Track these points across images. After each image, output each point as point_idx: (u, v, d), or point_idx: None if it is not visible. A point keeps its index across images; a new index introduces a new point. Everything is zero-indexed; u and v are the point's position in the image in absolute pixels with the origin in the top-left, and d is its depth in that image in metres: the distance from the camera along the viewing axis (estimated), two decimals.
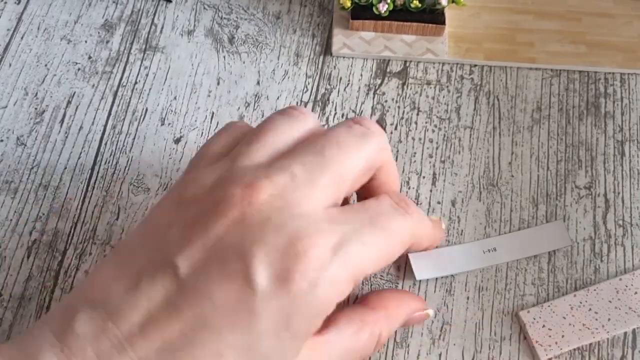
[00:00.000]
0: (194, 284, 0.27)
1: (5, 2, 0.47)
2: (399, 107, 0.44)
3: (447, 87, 0.44)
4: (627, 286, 0.38)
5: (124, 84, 0.44)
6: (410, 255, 0.38)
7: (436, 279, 0.38)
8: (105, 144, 0.42)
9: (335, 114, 0.43)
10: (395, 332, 0.37)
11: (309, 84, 0.45)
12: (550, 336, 0.36)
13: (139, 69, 0.45)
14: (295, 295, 0.26)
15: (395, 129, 0.43)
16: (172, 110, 0.43)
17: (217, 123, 0.43)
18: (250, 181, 0.28)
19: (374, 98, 0.44)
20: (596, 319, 0.37)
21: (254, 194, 0.28)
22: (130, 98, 0.44)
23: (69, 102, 0.44)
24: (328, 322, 0.29)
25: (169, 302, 0.26)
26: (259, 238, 0.27)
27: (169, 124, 0.43)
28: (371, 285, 0.38)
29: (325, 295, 0.27)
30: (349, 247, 0.28)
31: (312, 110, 0.44)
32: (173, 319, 0.26)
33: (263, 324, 0.26)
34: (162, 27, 0.46)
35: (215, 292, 0.26)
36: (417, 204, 0.41)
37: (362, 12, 0.44)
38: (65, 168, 0.41)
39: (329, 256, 0.27)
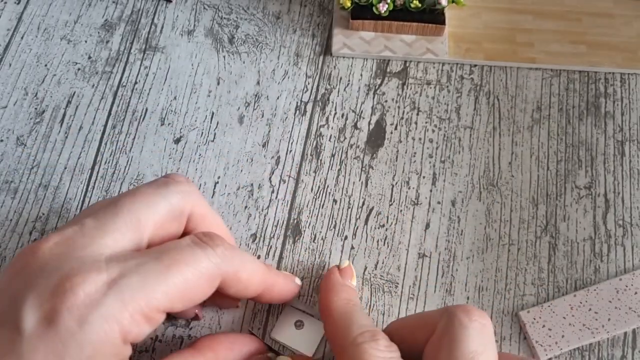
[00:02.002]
0: None
1: (5, 2, 0.47)
2: (399, 107, 0.44)
3: (447, 87, 0.44)
4: (627, 286, 0.38)
5: (124, 83, 0.44)
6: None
7: (435, 280, 0.38)
8: (105, 144, 0.42)
9: (335, 113, 0.43)
10: None
11: (308, 83, 0.45)
12: (550, 336, 0.36)
13: (139, 69, 0.45)
14: (63, 333, 0.26)
15: (395, 129, 0.43)
16: (172, 110, 0.43)
17: (217, 123, 0.43)
18: (42, 238, 0.28)
19: (373, 98, 0.44)
20: (596, 319, 0.37)
21: (39, 244, 0.28)
22: (130, 98, 0.44)
23: (69, 102, 0.44)
24: None
25: None
26: (32, 283, 0.27)
27: (169, 123, 0.43)
28: (371, 285, 0.38)
29: (100, 332, 0.26)
30: (126, 280, 0.27)
31: (312, 110, 0.44)
32: None
33: None
34: (162, 27, 0.46)
35: None
36: (417, 204, 0.41)
37: (362, 12, 0.44)
38: (65, 168, 0.41)
39: (103, 291, 0.26)
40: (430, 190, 0.41)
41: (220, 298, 0.35)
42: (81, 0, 0.47)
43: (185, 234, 0.32)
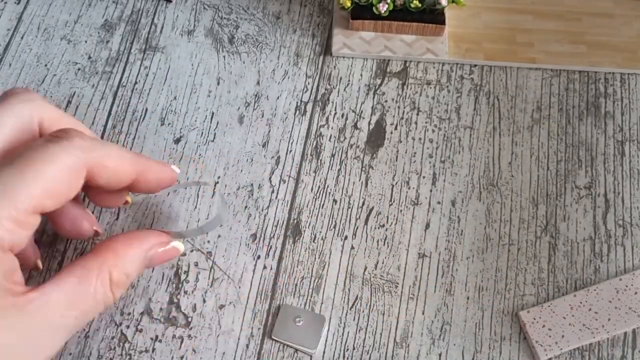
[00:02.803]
0: None
1: (5, 2, 0.47)
2: (399, 107, 0.44)
3: (447, 87, 0.44)
4: (627, 286, 0.38)
5: (124, 84, 0.44)
6: None
7: (435, 280, 0.38)
8: None
9: (335, 113, 0.43)
10: (395, 332, 0.37)
11: (309, 83, 0.45)
12: (550, 336, 0.36)
13: (139, 69, 0.45)
14: None
15: (395, 129, 0.43)
16: (172, 110, 0.43)
17: (217, 123, 0.43)
18: None
19: (374, 98, 0.44)
20: (596, 319, 0.37)
21: None
22: (130, 98, 0.44)
23: (69, 102, 0.44)
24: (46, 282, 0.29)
25: None
26: None
27: (169, 123, 0.43)
28: (371, 285, 0.38)
29: None
30: None
31: (312, 110, 0.44)
32: None
33: None
34: (162, 27, 0.46)
35: None
36: (417, 204, 0.41)
37: (362, 12, 0.44)
38: None
39: None
40: (430, 190, 0.41)
41: (99, 196, 0.35)
42: (81, 0, 0.47)
43: None
